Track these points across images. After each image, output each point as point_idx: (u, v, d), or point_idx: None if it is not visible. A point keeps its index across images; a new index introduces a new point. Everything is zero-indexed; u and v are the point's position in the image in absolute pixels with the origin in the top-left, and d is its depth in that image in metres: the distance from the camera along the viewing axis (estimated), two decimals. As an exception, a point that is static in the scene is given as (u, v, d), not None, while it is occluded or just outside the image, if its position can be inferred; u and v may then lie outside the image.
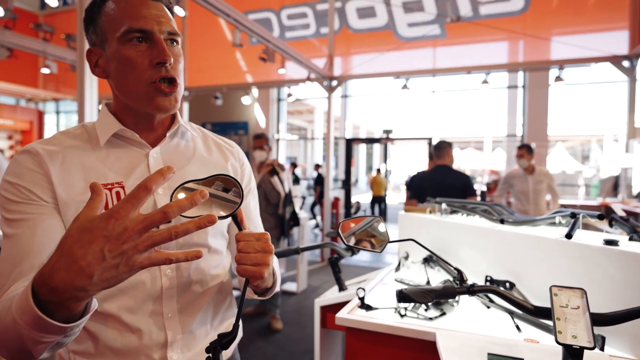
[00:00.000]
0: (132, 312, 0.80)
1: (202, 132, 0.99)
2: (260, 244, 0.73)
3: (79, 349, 0.82)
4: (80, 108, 2.87)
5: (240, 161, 0.99)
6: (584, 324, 0.90)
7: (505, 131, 9.92)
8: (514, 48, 7.06)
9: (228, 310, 0.97)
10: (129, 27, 0.76)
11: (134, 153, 0.85)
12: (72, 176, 0.78)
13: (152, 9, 0.79)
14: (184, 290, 0.85)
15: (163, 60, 0.77)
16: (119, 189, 0.79)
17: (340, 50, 7.56)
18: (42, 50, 5.92)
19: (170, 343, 0.83)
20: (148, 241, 0.51)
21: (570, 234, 1.19)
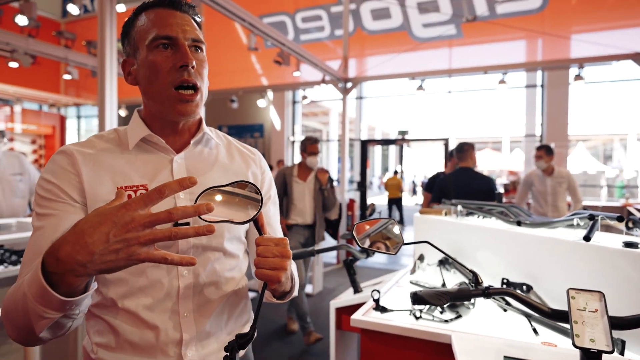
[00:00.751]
0: (150, 309, 0.84)
1: (227, 139, 1.03)
2: (278, 248, 0.75)
3: (102, 341, 0.86)
4: (100, 113, 2.95)
5: (261, 168, 1.02)
6: (602, 328, 0.89)
7: (524, 131, 9.75)
8: (532, 47, 6.95)
9: (243, 313, 0.99)
10: (156, 34, 0.83)
11: (159, 158, 0.89)
12: (101, 177, 0.83)
13: (178, 18, 0.85)
14: (200, 291, 0.88)
15: (185, 63, 0.82)
16: (142, 191, 0.83)
17: (355, 51, 7.56)
18: (64, 57, 6.09)
19: (185, 341, 0.86)
20: (150, 235, 0.56)
21: (589, 236, 1.18)
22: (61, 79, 10.01)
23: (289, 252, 0.76)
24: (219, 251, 0.91)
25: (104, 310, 0.86)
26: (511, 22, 6.40)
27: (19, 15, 3.62)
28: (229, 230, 0.92)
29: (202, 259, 0.88)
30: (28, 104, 10.16)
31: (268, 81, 8.58)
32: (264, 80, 8.62)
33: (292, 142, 10.99)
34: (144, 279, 0.84)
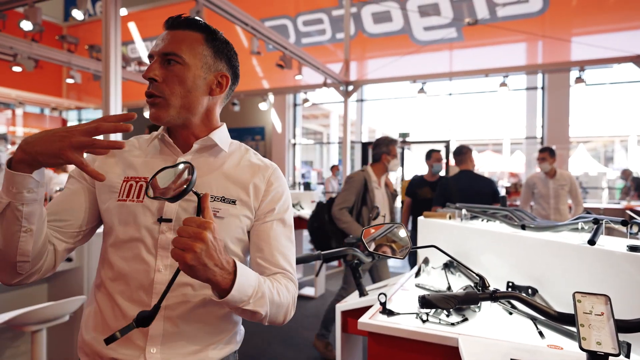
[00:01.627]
0: (125, 297, 0.90)
1: (246, 151, 1.05)
2: (196, 230, 0.71)
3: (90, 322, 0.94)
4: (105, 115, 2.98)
5: (269, 182, 0.99)
6: (609, 331, 0.90)
7: (525, 133, 9.76)
8: (532, 50, 6.97)
9: (224, 319, 0.95)
10: (148, 53, 0.95)
11: (166, 157, 0.98)
12: (115, 167, 0.96)
13: (168, 36, 0.94)
14: (175, 289, 0.88)
15: (145, 75, 0.92)
16: (142, 183, 0.93)
17: (356, 55, 7.59)
18: (67, 61, 6.12)
19: (151, 336, 0.88)
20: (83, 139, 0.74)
21: (594, 240, 1.19)
22: (63, 82, 10.06)
23: (203, 235, 0.71)
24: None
25: (99, 292, 0.94)
26: (512, 25, 6.43)
27: (24, 21, 3.65)
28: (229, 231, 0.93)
29: None
30: (30, 107, 10.19)
31: (269, 84, 8.61)
32: (265, 83, 8.65)
33: (293, 145, 11.01)
34: (126, 267, 0.90)
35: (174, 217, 0.90)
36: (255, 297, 0.83)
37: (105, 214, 0.93)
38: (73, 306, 2.11)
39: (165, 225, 0.90)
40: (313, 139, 27.03)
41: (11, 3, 3.68)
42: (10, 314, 1.96)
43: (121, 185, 0.93)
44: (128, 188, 0.93)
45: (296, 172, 11.32)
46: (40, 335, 2.06)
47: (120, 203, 0.91)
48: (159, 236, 0.89)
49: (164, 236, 0.89)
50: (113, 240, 0.91)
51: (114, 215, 0.91)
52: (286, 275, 0.96)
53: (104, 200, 0.93)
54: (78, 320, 2.53)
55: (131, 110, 9.18)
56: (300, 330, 3.82)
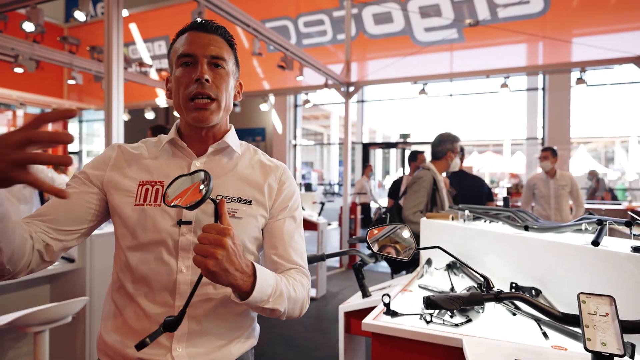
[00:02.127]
0: (149, 298, 0.91)
1: (256, 153, 1.08)
2: (216, 237, 0.73)
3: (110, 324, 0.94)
4: (107, 117, 2.98)
5: (280, 181, 1.04)
6: (614, 331, 0.91)
7: (525, 134, 9.77)
8: (533, 50, 6.97)
9: (243, 316, 0.99)
10: (181, 52, 0.94)
11: (180, 160, 0.99)
12: (128, 171, 0.96)
13: (202, 39, 0.94)
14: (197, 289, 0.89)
15: (198, 77, 0.91)
16: (159, 187, 0.94)
17: (357, 55, 7.60)
18: (68, 63, 6.13)
19: (177, 336, 0.90)
20: (22, 155, 0.60)
21: (597, 241, 1.19)
22: (64, 83, 10.07)
23: (223, 241, 0.73)
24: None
25: (118, 294, 0.94)
26: (513, 26, 6.44)
27: (26, 22, 3.65)
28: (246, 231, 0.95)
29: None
30: (31, 108, 10.20)
31: (270, 85, 8.62)
32: (266, 84, 8.66)
33: (293, 146, 11.02)
34: (148, 270, 0.91)
35: (194, 219, 0.92)
36: (274, 295, 0.86)
37: (122, 218, 0.93)
38: (76, 307, 2.11)
39: (185, 227, 0.92)
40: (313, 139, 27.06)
41: (13, 4, 3.69)
42: (13, 315, 1.97)
43: (137, 190, 0.93)
44: (144, 192, 0.93)
45: (297, 173, 11.34)
46: (42, 337, 2.06)
47: (139, 207, 0.92)
48: (179, 238, 0.91)
49: (184, 238, 0.91)
50: (132, 244, 0.92)
51: (132, 219, 0.92)
52: (300, 271, 1.00)
53: (120, 205, 0.93)
54: (81, 321, 2.54)
55: (132, 112, 9.21)
56: (302, 331, 3.83)
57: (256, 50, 4.42)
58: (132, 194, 0.93)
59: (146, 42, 9.48)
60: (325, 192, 18.79)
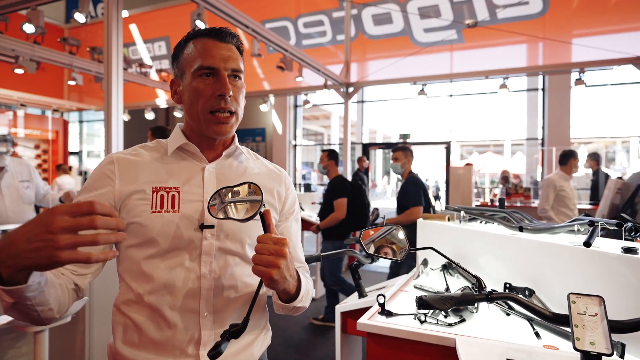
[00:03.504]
0: (172, 307, 0.90)
1: (256, 157, 1.11)
2: (275, 247, 0.77)
3: (126, 339, 0.92)
4: (107, 117, 2.99)
5: (285, 186, 1.09)
6: (602, 331, 0.92)
7: (525, 134, 9.78)
8: (533, 51, 6.99)
9: (261, 318, 1.04)
10: (201, 64, 0.92)
11: (193, 165, 0.98)
12: (137, 177, 0.93)
13: (222, 49, 0.94)
14: (219, 293, 0.93)
15: (223, 93, 0.91)
16: (174, 193, 0.93)
17: (356, 56, 7.62)
18: (69, 63, 6.15)
19: (204, 341, 0.91)
20: (70, 239, 0.59)
21: (589, 242, 1.20)
22: (65, 84, 10.10)
23: (284, 251, 0.77)
24: (238, 256, 0.96)
25: (130, 307, 0.92)
26: (512, 27, 6.45)
27: (27, 24, 3.67)
28: (250, 236, 0.97)
29: (222, 262, 0.94)
30: (32, 109, 10.22)
31: (270, 86, 8.64)
32: (266, 85, 8.68)
33: (293, 146, 11.03)
34: (169, 277, 0.90)
35: (216, 222, 0.93)
36: (305, 294, 0.94)
37: (140, 226, 0.89)
38: (75, 307, 2.13)
39: (208, 231, 0.92)
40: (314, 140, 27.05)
41: (14, 6, 3.71)
42: (12, 315, 1.98)
43: (152, 197, 0.91)
44: (160, 199, 0.91)
45: (297, 173, 11.34)
46: (42, 336, 2.08)
47: (156, 215, 0.90)
48: (202, 243, 0.92)
49: (208, 242, 0.92)
50: (151, 253, 0.90)
51: (151, 227, 0.89)
52: (304, 269, 1.06)
53: (135, 214, 0.90)
54: (80, 322, 2.56)
55: (132, 112, 9.23)
56: (300, 331, 3.84)
57: (255, 51, 4.43)
58: (148, 202, 0.90)
59: (146, 42, 9.51)
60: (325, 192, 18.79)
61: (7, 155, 3.14)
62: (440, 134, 19.74)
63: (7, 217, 3.06)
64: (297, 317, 4.16)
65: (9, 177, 3.10)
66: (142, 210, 0.90)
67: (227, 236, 0.94)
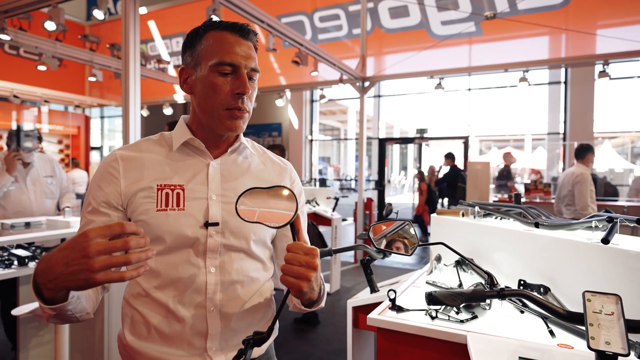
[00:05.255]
0: (179, 302, 0.91)
1: (262, 150, 1.10)
2: (306, 258, 0.76)
3: (134, 330, 0.93)
4: (124, 112, 3.04)
5: (291, 179, 1.09)
6: (618, 331, 0.89)
7: (547, 129, 9.54)
8: (555, 43, 6.79)
9: (268, 314, 1.04)
10: (222, 59, 0.90)
11: (197, 162, 0.97)
12: (143, 175, 0.92)
13: (243, 46, 0.93)
14: (226, 288, 0.94)
15: (243, 92, 0.91)
16: (179, 191, 0.92)
17: (373, 50, 7.54)
18: (89, 60, 6.28)
19: (211, 334, 0.92)
20: (105, 262, 0.63)
21: (607, 238, 1.17)
22: (86, 80, 10.31)
23: (315, 263, 0.76)
24: (243, 252, 0.96)
25: (139, 300, 0.93)
26: (533, 18, 6.28)
27: (48, 21, 3.76)
28: (255, 233, 0.97)
29: (227, 258, 0.94)
30: (55, 105, 10.49)
31: (286, 81, 8.64)
32: (282, 79, 8.69)
33: (310, 141, 11.03)
34: (176, 273, 0.91)
35: (220, 220, 0.93)
36: (323, 294, 0.94)
37: (144, 225, 0.90)
38: (94, 298, 2.19)
39: (213, 229, 0.93)
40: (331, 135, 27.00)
41: (36, 4, 3.80)
42: (34, 305, 2.05)
43: (156, 195, 0.91)
44: (164, 197, 0.91)
45: (313, 168, 11.35)
46: (62, 326, 2.14)
47: (162, 213, 0.90)
48: (207, 240, 0.92)
49: (213, 240, 0.92)
50: (158, 250, 0.90)
51: (156, 226, 0.90)
52: None
53: (141, 212, 0.90)
54: (99, 312, 2.62)
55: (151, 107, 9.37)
56: (316, 326, 3.86)
57: (270, 46, 4.43)
58: (153, 200, 0.91)
59: (164, 38, 9.62)
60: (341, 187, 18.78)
61: (35, 151, 3.23)
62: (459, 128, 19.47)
63: (32, 211, 3.16)
64: (311, 311, 4.18)
65: (34, 172, 3.19)
66: (147, 208, 0.90)
67: (232, 233, 0.94)
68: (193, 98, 0.97)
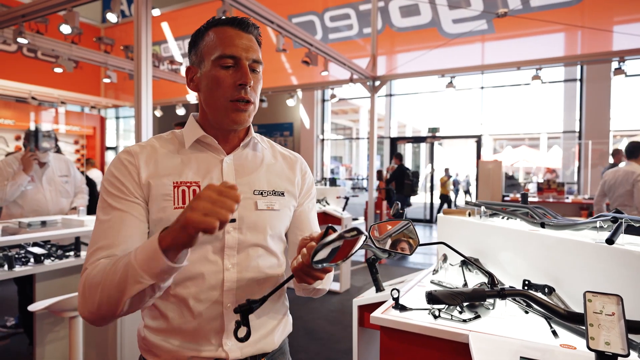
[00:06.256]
0: (197, 299, 0.93)
1: (271, 144, 1.11)
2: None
3: (153, 325, 0.95)
4: (137, 112, 3.11)
5: (303, 171, 1.10)
6: (619, 331, 0.89)
7: (562, 127, 9.38)
8: (569, 40, 6.68)
9: (281, 308, 1.06)
10: (222, 53, 0.92)
11: (211, 158, 0.98)
12: (159, 173, 0.93)
13: (244, 39, 0.94)
14: (242, 285, 0.95)
15: (244, 82, 0.91)
16: (195, 188, 0.93)
17: (384, 49, 7.52)
18: (103, 62, 6.40)
19: (227, 331, 0.94)
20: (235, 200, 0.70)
21: (612, 239, 1.16)
22: (101, 82, 10.50)
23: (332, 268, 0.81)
24: (262, 247, 0.98)
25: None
26: (546, 15, 6.18)
27: (63, 25, 3.85)
28: (272, 227, 0.99)
29: (245, 254, 0.96)
30: (71, 106, 10.71)
31: (298, 80, 8.67)
32: (294, 79, 8.72)
33: (321, 140, 11.05)
34: (193, 270, 0.92)
35: (237, 216, 0.95)
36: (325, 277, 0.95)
37: (162, 222, 0.89)
38: (106, 295, 2.24)
39: (230, 225, 0.94)
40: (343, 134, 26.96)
41: (53, 8, 3.90)
42: (49, 301, 2.11)
43: (173, 192, 0.91)
44: (181, 194, 0.92)
45: (324, 167, 11.37)
46: (76, 321, 2.20)
47: (179, 210, 0.90)
48: (224, 237, 0.93)
49: (230, 236, 0.94)
50: None
51: None
52: None
53: (159, 210, 0.91)
54: (111, 308, 2.67)
55: (164, 108, 9.50)
56: (324, 324, 3.88)
57: (280, 46, 4.46)
58: (170, 197, 0.91)
59: (177, 40, 9.75)
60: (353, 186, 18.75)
61: (50, 152, 3.32)
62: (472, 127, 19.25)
63: (47, 209, 3.25)
64: (321, 309, 4.20)
65: (50, 172, 3.29)
66: (164, 206, 0.91)
67: (249, 228, 0.95)
68: (200, 95, 0.98)
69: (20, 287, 3.10)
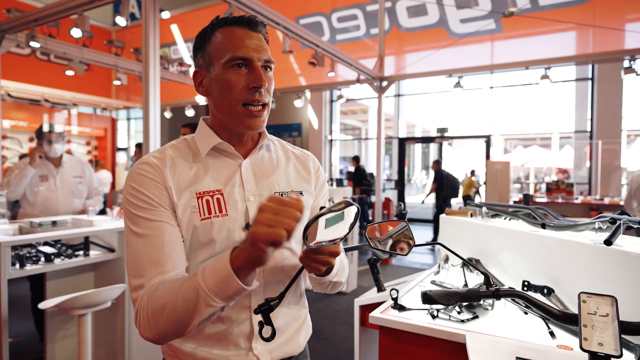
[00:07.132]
0: None
1: (282, 143, 1.10)
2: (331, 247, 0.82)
3: None
4: (145, 114, 3.16)
5: (315, 168, 1.09)
6: (612, 332, 0.89)
7: (574, 127, 9.26)
8: (580, 39, 6.60)
9: (302, 309, 1.06)
10: (233, 55, 0.88)
11: (228, 164, 0.96)
12: (181, 185, 0.90)
13: (254, 39, 0.90)
14: (269, 287, 0.95)
15: (259, 85, 0.88)
16: (219, 196, 0.91)
17: (391, 49, 7.51)
18: (114, 64, 6.50)
19: (256, 335, 0.93)
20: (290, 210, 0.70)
21: (610, 240, 1.16)
22: (112, 84, 10.66)
23: (338, 250, 0.84)
24: (286, 249, 0.98)
25: None
26: (556, 14, 6.12)
27: (74, 29, 3.93)
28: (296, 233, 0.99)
29: (273, 258, 0.95)
30: (83, 108, 10.88)
31: (306, 81, 8.70)
32: (302, 80, 8.75)
33: (329, 141, 11.07)
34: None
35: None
36: (340, 269, 1.00)
37: (193, 235, 0.89)
38: (114, 293, 2.28)
39: None
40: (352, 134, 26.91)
41: (64, 12, 3.98)
42: (59, 299, 2.16)
43: (197, 204, 0.89)
44: (206, 204, 0.90)
45: (333, 168, 11.38)
46: (85, 319, 2.25)
47: (207, 221, 0.89)
48: None
49: None
50: (206, 257, 0.90)
51: (204, 235, 0.89)
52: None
53: (187, 220, 0.89)
54: (120, 307, 2.72)
55: (174, 109, 9.61)
56: (331, 324, 3.89)
57: (286, 48, 4.49)
58: (195, 209, 0.89)
59: (186, 42, 9.84)
60: (362, 187, 18.72)
61: (61, 151, 3.40)
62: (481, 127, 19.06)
63: (58, 209, 3.32)
64: (327, 310, 4.22)
65: (64, 173, 3.36)
66: (191, 218, 0.89)
67: None
68: (210, 100, 0.95)
69: (32, 285, 3.17)
